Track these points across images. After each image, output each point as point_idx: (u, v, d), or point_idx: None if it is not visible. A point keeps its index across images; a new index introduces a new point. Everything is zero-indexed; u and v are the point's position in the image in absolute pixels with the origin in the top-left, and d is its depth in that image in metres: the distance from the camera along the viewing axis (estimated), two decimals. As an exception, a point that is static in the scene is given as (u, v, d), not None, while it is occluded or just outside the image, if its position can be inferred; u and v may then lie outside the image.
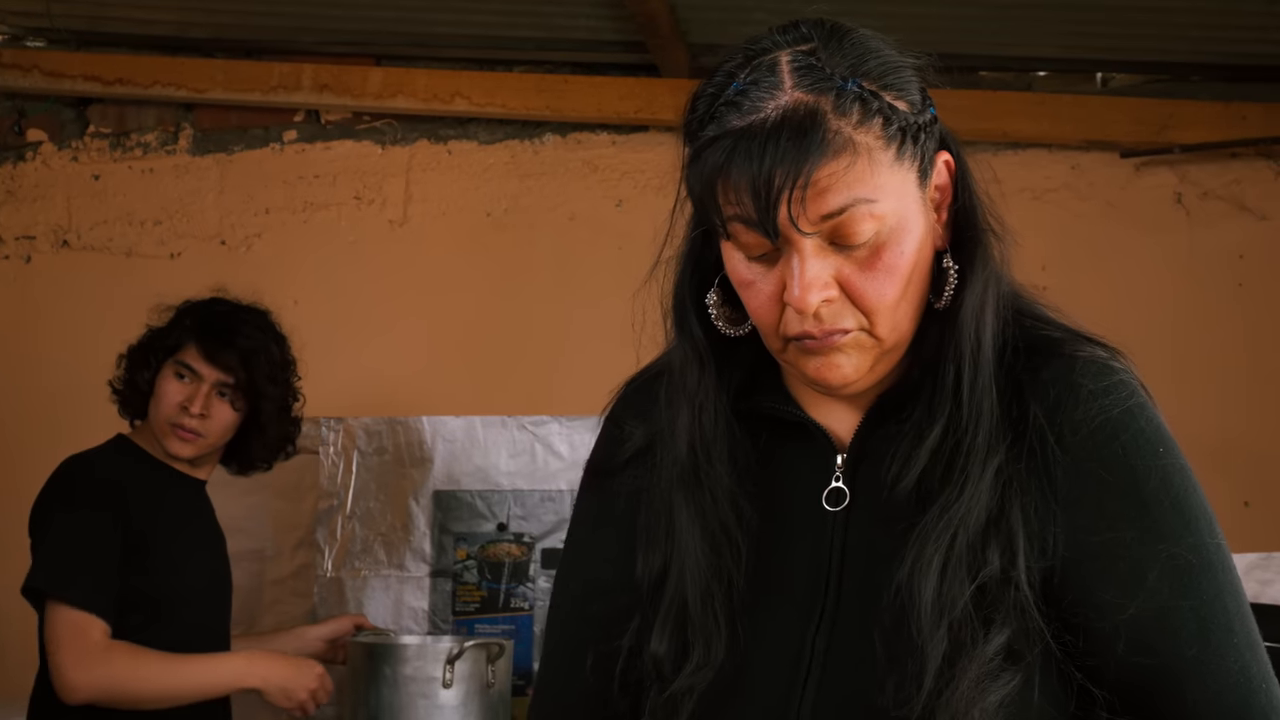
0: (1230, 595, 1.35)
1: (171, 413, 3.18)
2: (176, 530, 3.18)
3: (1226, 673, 1.33)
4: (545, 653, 1.57)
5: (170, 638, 3.08)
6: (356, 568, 3.83)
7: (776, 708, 1.39)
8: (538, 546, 3.78)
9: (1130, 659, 1.33)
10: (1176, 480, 1.37)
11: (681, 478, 1.44)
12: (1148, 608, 1.33)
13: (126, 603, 3.03)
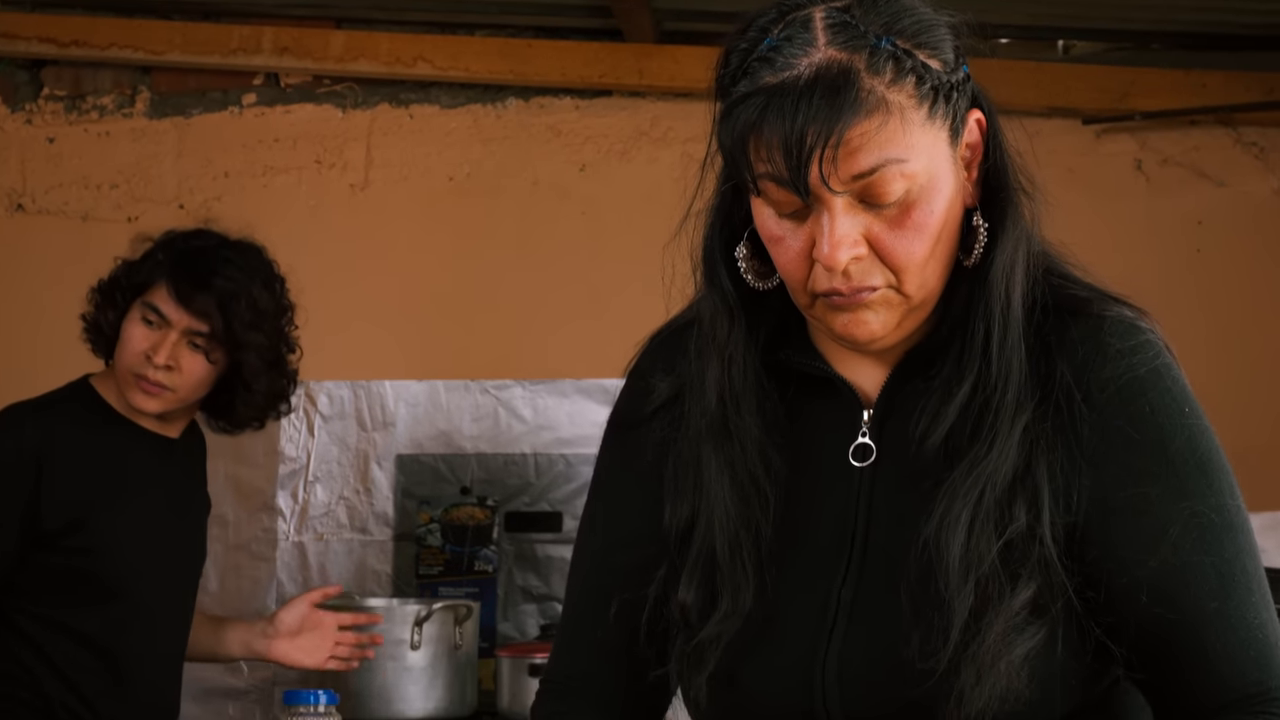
0: (1249, 555, 1.38)
1: (134, 362, 2.81)
2: (127, 499, 2.87)
3: (1246, 627, 1.36)
4: (568, 602, 1.58)
5: (114, 622, 2.82)
6: (319, 532, 3.83)
7: (803, 658, 1.41)
8: (501, 510, 3.79)
9: (1151, 612, 1.36)
10: (1201, 440, 1.39)
11: (711, 429, 1.45)
12: (1170, 563, 1.36)
13: (60, 584, 2.79)
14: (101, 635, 2.82)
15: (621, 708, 1.55)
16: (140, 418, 2.90)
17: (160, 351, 2.79)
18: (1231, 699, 1.36)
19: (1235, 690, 1.36)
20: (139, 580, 2.86)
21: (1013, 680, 1.34)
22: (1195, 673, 1.37)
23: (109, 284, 2.90)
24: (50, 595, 2.80)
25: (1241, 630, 1.36)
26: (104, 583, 2.82)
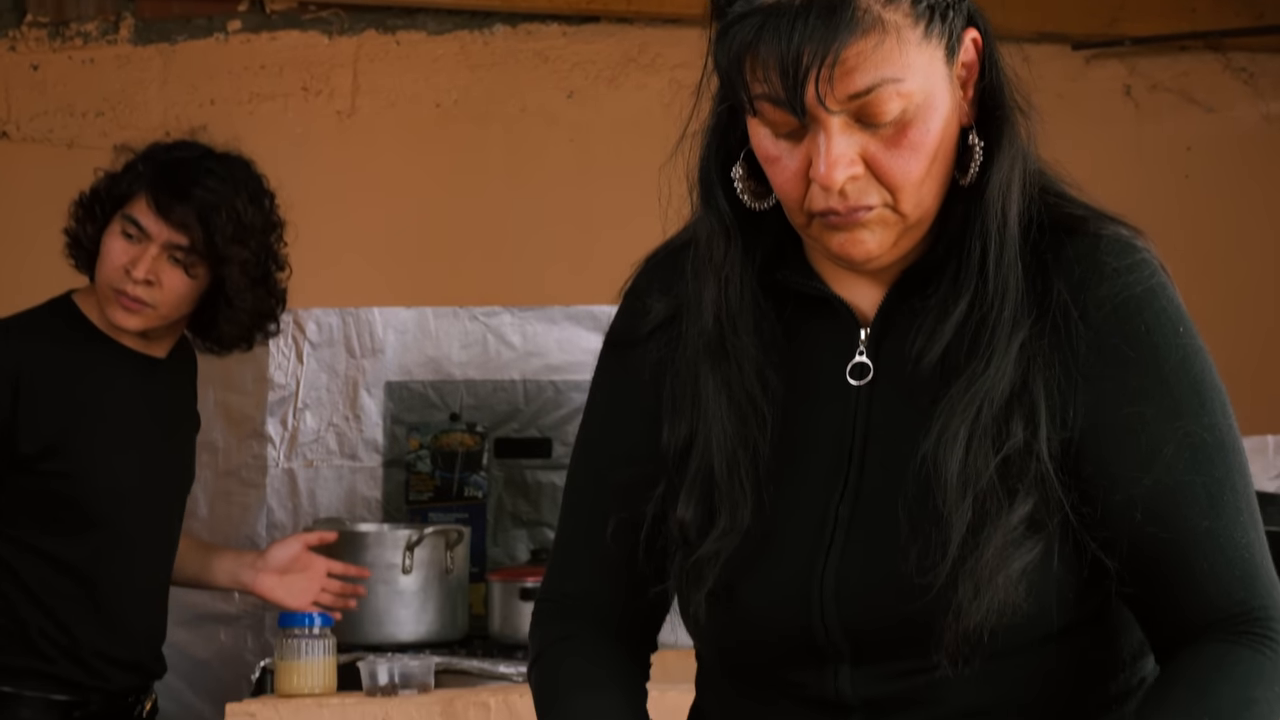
0: (1239, 474, 1.40)
1: (114, 276, 2.74)
2: (109, 422, 2.81)
3: (1234, 547, 1.38)
4: (564, 521, 1.59)
5: (93, 548, 2.78)
6: (309, 458, 3.84)
7: (801, 573, 1.42)
8: (491, 436, 3.80)
9: (1143, 530, 1.37)
10: (1195, 361, 1.40)
11: (708, 348, 1.46)
12: (1163, 482, 1.37)
13: (38, 509, 2.75)
14: (80, 561, 2.78)
15: (618, 624, 1.56)
16: (123, 336, 2.84)
17: (139, 266, 2.73)
18: (1216, 618, 1.38)
19: (1220, 609, 1.38)
20: (120, 505, 2.81)
21: (1010, 594, 1.35)
22: (1182, 591, 1.38)
23: (89, 197, 2.83)
24: (26, 519, 2.76)
25: (1229, 550, 1.38)
26: (83, 508, 2.77)
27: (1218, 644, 1.37)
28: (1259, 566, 1.38)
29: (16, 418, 2.71)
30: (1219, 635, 1.37)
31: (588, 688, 1.51)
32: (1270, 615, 1.38)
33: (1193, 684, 1.36)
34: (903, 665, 1.41)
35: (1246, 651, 1.36)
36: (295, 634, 2.86)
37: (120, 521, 2.81)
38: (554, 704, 1.52)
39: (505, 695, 2.82)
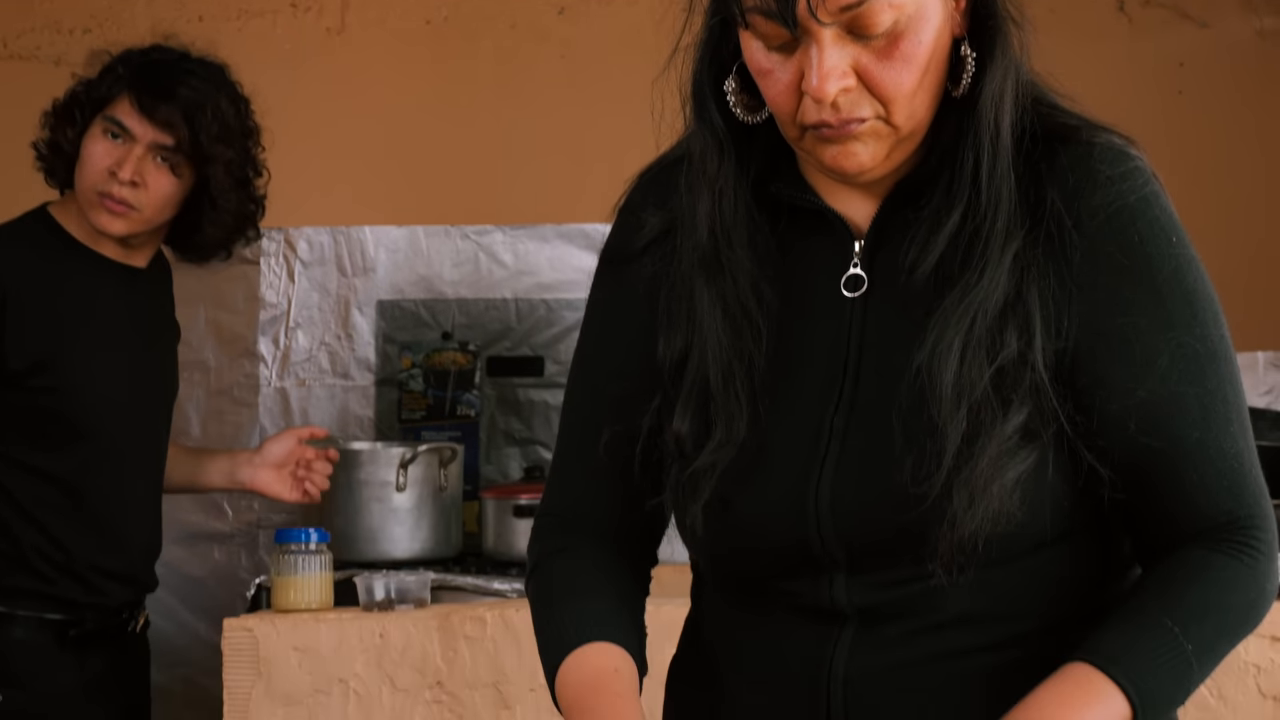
0: (1230, 386, 1.41)
1: (98, 179, 2.71)
2: (94, 334, 2.79)
3: (1223, 457, 1.39)
4: (562, 436, 1.60)
5: (84, 462, 2.77)
6: (301, 377, 3.85)
7: (796, 485, 1.43)
8: (483, 355, 3.81)
9: (1136, 440, 1.39)
10: (1188, 271, 1.41)
11: (702, 262, 1.46)
12: (1156, 392, 1.38)
13: (28, 425, 2.73)
14: (72, 475, 2.77)
15: (616, 536, 1.57)
16: (105, 246, 2.82)
17: (125, 167, 2.71)
18: (1202, 527, 1.40)
19: (1206, 519, 1.39)
20: (109, 418, 2.80)
21: (1005, 503, 1.37)
22: (1171, 501, 1.40)
23: (67, 101, 2.80)
24: (16, 435, 2.74)
25: (1218, 461, 1.39)
26: (72, 422, 2.76)
27: (1197, 550, 1.39)
28: (1247, 476, 1.40)
29: (4, 333, 2.70)
30: (1201, 543, 1.39)
31: (584, 593, 1.52)
32: (1254, 524, 1.40)
33: (1163, 587, 1.39)
34: (898, 574, 1.42)
35: (1223, 558, 1.38)
36: (292, 549, 2.88)
37: (110, 433, 2.80)
38: (550, 609, 1.53)
39: (501, 610, 2.84)
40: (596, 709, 1.43)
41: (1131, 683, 1.33)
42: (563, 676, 1.47)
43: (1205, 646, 1.36)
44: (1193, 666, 1.36)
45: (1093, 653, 1.35)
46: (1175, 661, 1.35)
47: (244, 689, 2.83)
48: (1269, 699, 2.66)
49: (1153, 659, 1.34)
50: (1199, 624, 1.36)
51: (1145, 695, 1.33)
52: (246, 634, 2.84)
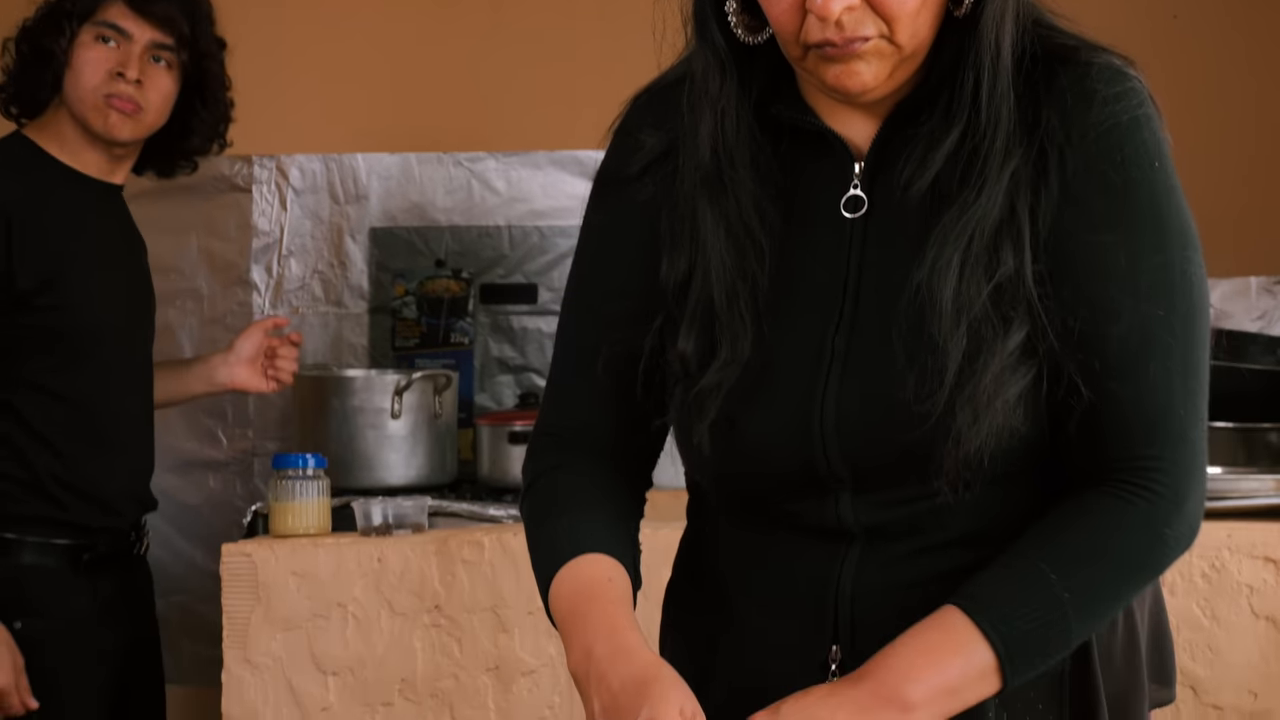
0: (1181, 321, 1.40)
1: (102, 82, 2.72)
2: (90, 251, 2.82)
3: (1150, 391, 1.39)
4: (559, 357, 1.61)
5: (89, 379, 2.80)
6: (294, 305, 3.85)
7: (800, 405, 1.44)
8: (476, 282, 3.81)
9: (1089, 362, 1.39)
10: (1164, 196, 1.41)
11: (705, 182, 1.47)
12: (1104, 314, 1.39)
13: (37, 345, 2.74)
14: (81, 394, 2.80)
15: (612, 455, 1.58)
16: (88, 164, 2.83)
17: (130, 66, 2.72)
18: (1107, 465, 1.40)
19: (1115, 455, 1.40)
20: (109, 335, 2.84)
21: (1008, 418, 1.38)
22: (1097, 428, 1.40)
23: (49, 15, 2.77)
24: (28, 358, 2.76)
25: (1144, 395, 1.39)
26: (78, 341, 2.78)
27: (1090, 493, 1.40)
28: (1169, 414, 1.39)
29: (11, 253, 2.70)
30: (1099, 484, 1.40)
31: (579, 507, 1.53)
32: (1159, 466, 1.39)
33: (1046, 531, 1.40)
34: (903, 492, 1.44)
35: (1115, 501, 1.39)
36: (289, 475, 2.89)
37: (111, 350, 2.84)
38: (544, 524, 1.54)
39: (499, 534, 2.85)
40: (589, 616, 1.44)
41: (996, 630, 1.35)
42: (556, 588, 1.48)
43: (1084, 593, 1.37)
44: (1068, 615, 1.36)
45: (965, 597, 1.37)
46: (1047, 607, 1.36)
47: (243, 614, 2.85)
48: (1262, 619, 2.68)
49: (1022, 604, 1.36)
50: (1080, 569, 1.37)
51: (1011, 641, 1.35)
52: (245, 559, 2.85)
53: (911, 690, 1.34)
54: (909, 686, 1.34)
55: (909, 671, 1.34)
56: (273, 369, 3.11)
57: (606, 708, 1.38)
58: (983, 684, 1.36)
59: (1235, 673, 2.69)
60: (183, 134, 2.90)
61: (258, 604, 2.84)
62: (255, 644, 2.83)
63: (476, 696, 2.81)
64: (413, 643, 2.83)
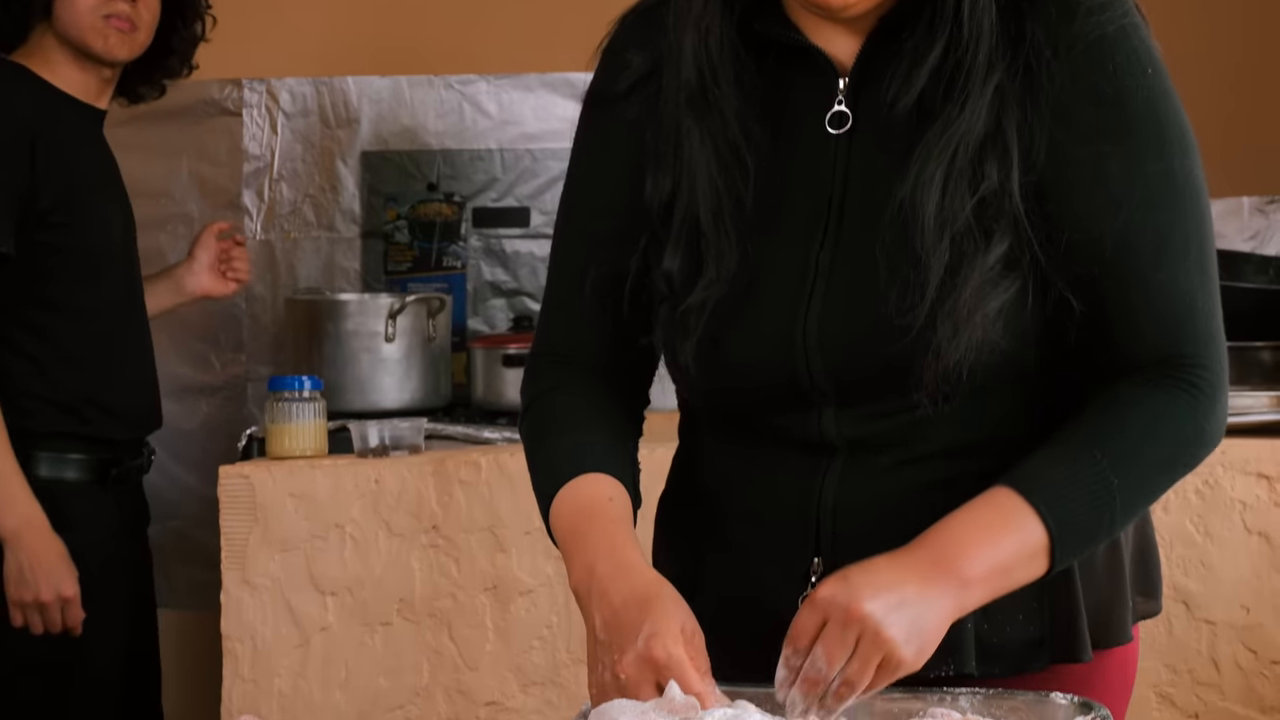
0: (1193, 222, 1.42)
1: (100, 2, 2.78)
2: (92, 173, 2.90)
3: (1175, 293, 1.41)
4: (551, 278, 1.61)
5: (106, 297, 2.90)
6: (286, 230, 3.84)
7: (784, 321, 1.45)
8: (468, 206, 3.80)
9: (1091, 270, 1.40)
10: (1161, 102, 1.42)
11: (689, 101, 1.47)
12: (1114, 223, 1.40)
13: (57, 263, 2.81)
14: (100, 312, 2.88)
15: (609, 375, 1.59)
16: (77, 89, 2.87)
17: None
18: (1146, 362, 1.41)
19: (1150, 354, 1.41)
20: (116, 253, 2.92)
21: (988, 332, 1.39)
22: (1120, 333, 1.42)
23: None
24: (52, 278, 2.82)
25: (1168, 297, 1.41)
26: (92, 257, 2.86)
27: (1134, 385, 1.41)
28: (1196, 315, 1.41)
29: (35, 171, 2.75)
30: (1140, 377, 1.41)
31: (578, 427, 1.54)
32: (1197, 362, 1.41)
33: (1095, 418, 1.41)
34: (885, 406, 1.45)
35: (1159, 393, 1.40)
36: (285, 397, 2.89)
37: (120, 266, 2.94)
38: (544, 444, 1.55)
39: (496, 455, 2.86)
40: (590, 534, 1.45)
41: (1050, 510, 1.35)
42: (557, 507, 1.49)
43: (1132, 480, 1.38)
44: (1116, 499, 1.38)
45: (1016, 478, 1.37)
46: (1098, 491, 1.37)
47: (241, 536, 2.86)
48: (1254, 534, 2.71)
49: (1075, 487, 1.37)
50: (1128, 456, 1.38)
51: (1064, 523, 1.36)
52: (243, 481, 2.86)
53: (969, 565, 1.34)
54: (966, 562, 1.34)
55: (965, 547, 1.35)
56: (230, 270, 3.22)
57: (607, 624, 1.39)
58: (1032, 565, 1.37)
59: (1227, 588, 2.71)
60: (163, 53, 2.96)
61: (256, 525, 2.85)
62: (253, 565, 2.84)
63: (474, 616, 2.83)
64: (410, 563, 2.84)
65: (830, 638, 1.31)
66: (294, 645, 2.85)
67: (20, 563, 2.69)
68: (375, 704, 2.85)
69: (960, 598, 1.34)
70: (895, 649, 1.31)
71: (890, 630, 1.30)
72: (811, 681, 1.32)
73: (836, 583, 1.33)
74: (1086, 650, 1.48)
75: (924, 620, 1.32)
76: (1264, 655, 2.71)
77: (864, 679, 1.31)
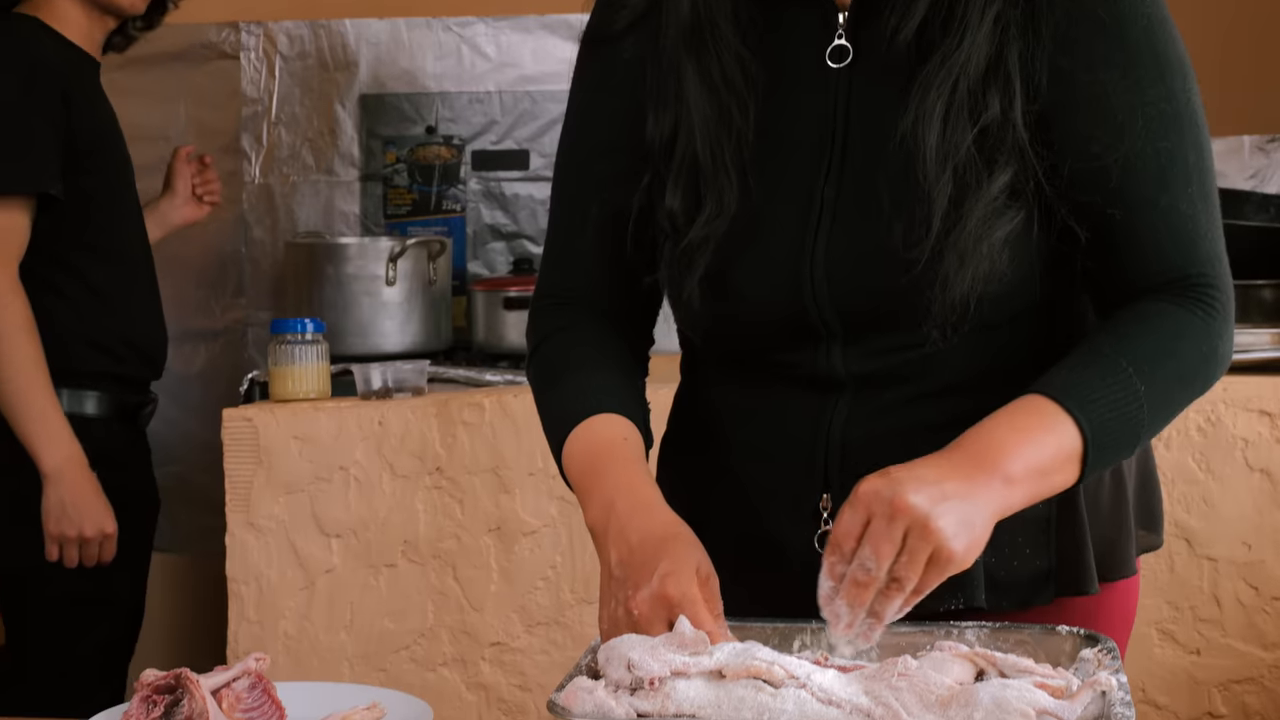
0: (1194, 149, 1.42)
1: None
2: (108, 120, 3.00)
3: (1179, 218, 1.41)
4: (553, 219, 1.61)
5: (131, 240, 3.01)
6: (285, 174, 3.83)
7: (790, 255, 1.45)
8: (467, 148, 3.79)
9: (1095, 197, 1.41)
10: (1160, 30, 1.42)
11: (686, 38, 1.47)
12: (1116, 150, 1.40)
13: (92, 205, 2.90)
14: (123, 253, 2.98)
15: (613, 313, 1.59)
16: (81, 40, 2.93)
17: None
18: (1158, 283, 1.42)
19: (1161, 275, 1.42)
20: (132, 195, 3.03)
21: (994, 262, 1.39)
22: (1129, 258, 1.42)
23: None
24: (87, 221, 2.89)
25: (1174, 221, 1.41)
26: (117, 201, 2.97)
27: (1152, 301, 1.41)
28: (1202, 238, 1.42)
29: (71, 116, 2.83)
30: (1156, 295, 1.42)
31: (587, 368, 1.54)
32: (1208, 282, 1.42)
33: (1118, 330, 1.41)
34: (892, 341, 1.45)
35: (1177, 309, 1.41)
36: (288, 340, 2.89)
37: (135, 209, 3.05)
38: (554, 386, 1.55)
39: (499, 396, 2.86)
40: (608, 473, 1.45)
41: (1084, 414, 1.34)
42: (569, 448, 1.49)
43: (1158, 391, 1.38)
44: (1144, 409, 1.37)
45: (1047, 385, 1.37)
46: (1128, 400, 1.36)
47: (245, 478, 2.86)
48: (1256, 472, 2.71)
49: (1106, 394, 1.36)
50: (1152, 367, 1.38)
51: (1097, 427, 1.35)
52: (246, 424, 2.86)
53: (1010, 464, 1.32)
54: (1007, 461, 1.32)
55: (1006, 447, 1.33)
56: (206, 192, 3.32)
57: (623, 560, 1.39)
58: (1066, 470, 1.35)
59: (1229, 525, 2.72)
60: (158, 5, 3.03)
61: (259, 468, 2.85)
62: (258, 508, 2.85)
63: (479, 557, 2.84)
64: (415, 505, 2.85)
65: (876, 534, 1.27)
66: (299, 587, 2.86)
67: (62, 499, 2.75)
68: (380, 645, 2.86)
69: (1004, 496, 1.31)
70: (945, 541, 1.27)
71: (939, 521, 1.27)
72: (859, 585, 1.28)
73: (879, 478, 1.30)
74: (1093, 582, 1.49)
75: (972, 515, 1.29)
76: (1265, 591, 2.72)
77: (913, 575, 1.27)
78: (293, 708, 1.46)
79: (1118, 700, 1.24)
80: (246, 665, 1.45)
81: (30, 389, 2.73)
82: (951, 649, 1.35)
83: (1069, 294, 1.49)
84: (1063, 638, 1.40)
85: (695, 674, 1.27)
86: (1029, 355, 1.46)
